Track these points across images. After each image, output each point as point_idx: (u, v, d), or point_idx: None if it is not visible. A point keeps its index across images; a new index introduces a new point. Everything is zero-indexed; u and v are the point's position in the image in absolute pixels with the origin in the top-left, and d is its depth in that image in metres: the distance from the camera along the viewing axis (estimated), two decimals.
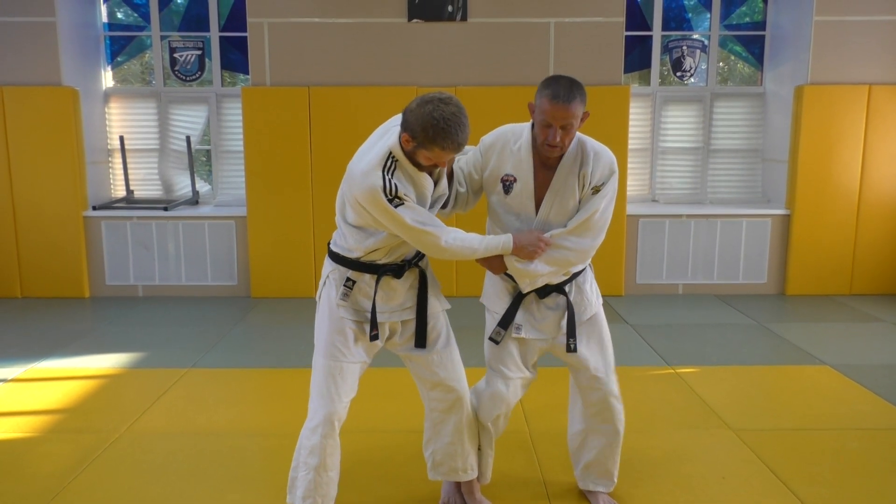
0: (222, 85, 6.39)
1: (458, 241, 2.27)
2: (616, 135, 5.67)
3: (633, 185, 6.45)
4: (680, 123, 6.50)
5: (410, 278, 2.42)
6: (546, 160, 2.39)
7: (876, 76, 5.81)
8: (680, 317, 5.43)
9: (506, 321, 2.48)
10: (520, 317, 2.49)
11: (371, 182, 2.14)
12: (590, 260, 2.54)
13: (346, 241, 2.34)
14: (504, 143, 2.43)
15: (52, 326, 5.15)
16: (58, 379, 4.06)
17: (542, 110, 2.26)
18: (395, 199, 2.14)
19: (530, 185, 2.40)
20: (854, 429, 3.37)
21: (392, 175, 2.16)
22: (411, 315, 2.43)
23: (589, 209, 2.36)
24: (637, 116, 6.37)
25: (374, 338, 2.36)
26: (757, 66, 6.48)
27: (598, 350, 2.54)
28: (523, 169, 2.39)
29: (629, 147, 5.96)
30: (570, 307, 2.47)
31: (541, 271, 2.37)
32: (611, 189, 2.40)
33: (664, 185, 6.54)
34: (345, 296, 2.36)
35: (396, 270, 2.37)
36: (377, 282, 2.35)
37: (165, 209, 6.00)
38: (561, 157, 2.38)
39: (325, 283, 2.42)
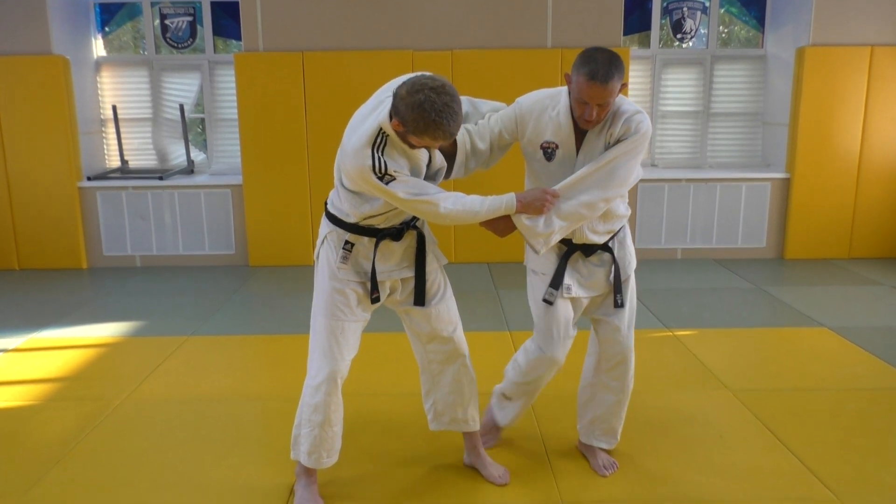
0: (215, 51, 6.29)
1: (459, 205, 2.20)
2: None
3: None
4: (680, 87, 6.42)
5: (409, 239, 2.41)
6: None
7: (878, 37, 5.72)
8: (679, 281, 5.43)
9: (556, 282, 2.47)
10: (568, 276, 2.48)
11: (361, 161, 2.10)
12: (625, 214, 2.50)
13: (343, 205, 2.31)
14: (542, 109, 2.38)
15: (50, 297, 5.14)
16: (58, 348, 4.07)
17: (579, 88, 2.19)
18: (385, 175, 2.09)
19: (573, 150, 2.37)
20: (852, 389, 3.39)
21: (382, 152, 2.11)
22: (410, 273, 2.42)
23: (601, 159, 2.29)
24: (636, 79, 6.29)
25: (375, 300, 2.37)
26: (758, 28, 6.38)
27: (628, 306, 2.56)
28: (564, 135, 2.35)
29: None
30: (615, 263, 2.49)
31: (553, 227, 2.31)
32: (632, 144, 2.29)
33: (663, 150, 6.49)
34: (344, 258, 2.34)
35: (395, 234, 2.35)
36: (376, 245, 2.34)
37: (161, 179, 5.95)
38: None
39: (322, 242, 2.40)
